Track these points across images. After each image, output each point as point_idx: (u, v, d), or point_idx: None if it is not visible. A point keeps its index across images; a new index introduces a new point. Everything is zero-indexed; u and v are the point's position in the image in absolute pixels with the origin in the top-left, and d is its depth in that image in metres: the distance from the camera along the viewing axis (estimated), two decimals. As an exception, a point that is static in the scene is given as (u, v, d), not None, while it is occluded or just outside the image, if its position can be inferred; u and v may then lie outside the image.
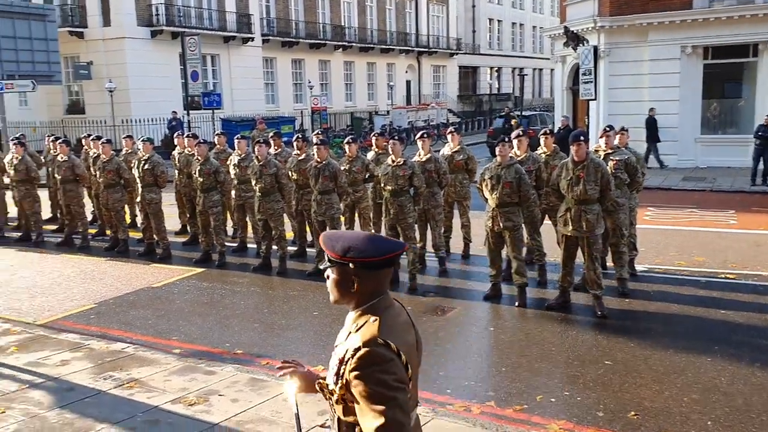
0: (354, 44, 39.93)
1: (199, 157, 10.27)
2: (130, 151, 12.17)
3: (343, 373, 2.25)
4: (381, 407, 2.16)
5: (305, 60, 37.66)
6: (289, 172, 9.79)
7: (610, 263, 8.70)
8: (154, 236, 10.76)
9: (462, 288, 8.77)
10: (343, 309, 2.38)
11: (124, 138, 12.78)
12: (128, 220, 11.89)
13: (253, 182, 9.78)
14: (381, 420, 2.14)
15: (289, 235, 10.63)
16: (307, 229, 10.30)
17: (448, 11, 48.96)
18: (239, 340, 7.03)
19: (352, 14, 40.67)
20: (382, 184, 8.74)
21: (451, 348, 6.77)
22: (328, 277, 2.35)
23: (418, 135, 9.61)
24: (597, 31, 20.47)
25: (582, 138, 7.41)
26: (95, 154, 11.77)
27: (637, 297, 8.06)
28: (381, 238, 2.35)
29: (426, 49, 46.16)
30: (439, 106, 38.97)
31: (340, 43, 38.92)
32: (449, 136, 10.18)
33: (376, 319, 2.27)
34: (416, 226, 8.96)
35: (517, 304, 7.86)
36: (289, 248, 10.14)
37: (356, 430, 2.27)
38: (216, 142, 12.21)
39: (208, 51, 29.56)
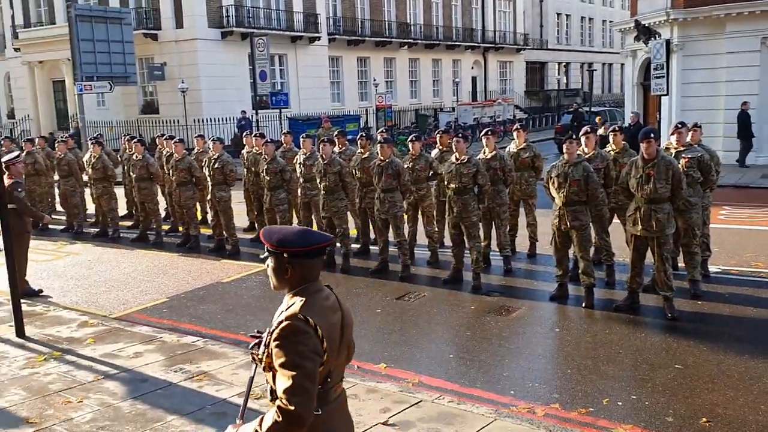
0: (419, 41, 39.90)
1: (266, 156, 10.47)
2: (201, 150, 12.52)
3: (269, 342, 2.62)
4: (292, 373, 2.51)
5: (371, 58, 37.87)
6: (353, 171, 9.87)
7: (681, 264, 8.42)
8: (224, 233, 11.03)
9: (527, 288, 8.66)
10: (405, 308, 2.40)
11: (195, 137, 13.16)
12: (199, 217, 12.24)
13: (318, 180, 9.91)
14: (289, 383, 2.50)
15: (353, 232, 10.73)
16: (370, 227, 10.37)
17: (515, 6, 48.29)
18: (304, 336, 7.13)
19: (417, 11, 40.64)
20: (446, 182, 8.71)
21: (515, 348, 6.69)
22: (268, 265, 2.73)
23: (483, 132, 9.53)
24: (670, 24, 19.80)
25: (652, 135, 7.19)
26: (168, 153, 12.17)
27: (710, 299, 7.77)
28: (311, 231, 2.77)
29: (492, 45, 45.70)
30: (506, 103, 38.50)
31: (405, 41, 38.97)
32: (515, 133, 10.05)
33: (302, 300, 2.64)
34: (480, 224, 8.90)
35: (584, 305, 7.70)
36: (353, 246, 10.23)
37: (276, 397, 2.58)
38: (283, 141, 12.42)
39: (276, 51, 30.08)
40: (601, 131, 15.68)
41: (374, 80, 35.76)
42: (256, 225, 12.12)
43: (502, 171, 9.18)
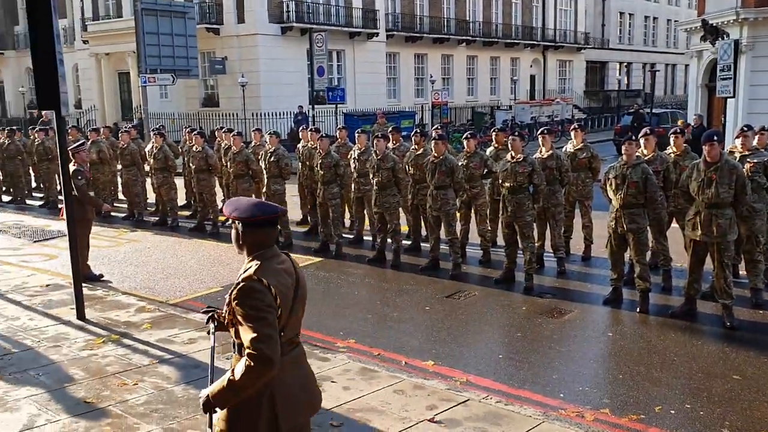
0: (478, 38, 39.61)
1: (321, 151, 10.57)
2: (258, 143, 12.73)
3: (230, 302, 2.98)
4: (254, 324, 2.89)
5: (428, 55, 37.80)
6: (407, 167, 9.88)
7: (742, 272, 8.14)
8: (277, 225, 11.18)
9: (580, 290, 8.51)
10: (455, 307, 2.40)
11: (253, 131, 13.38)
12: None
13: (371, 176, 9.96)
14: (254, 334, 2.87)
15: (404, 229, 10.73)
16: (422, 224, 10.36)
17: (577, 5, 47.42)
18: (352, 330, 7.20)
19: (477, 9, 40.34)
20: (501, 181, 8.63)
21: (566, 351, 6.59)
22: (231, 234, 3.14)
23: (540, 131, 9.40)
24: (739, 23, 19.13)
25: (715, 138, 6.98)
26: (227, 146, 12.41)
27: (773, 310, 7.50)
28: (264, 204, 3.17)
29: (552, 44, 45.01)
30: (564, 102, 37.86)
31: (463, 38, 38.74)
32: (572, 133, 9.88)
33: (258, 263, 3.03)
34: (534, 224, 8.79)
35: (638, 310, 7.52)
36: (404, 242, 10.24)
37: (244, 348, 2.92)
38: (338, 136, 12.52)
39: (334, 47, 30.30)
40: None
41: (431, 77, 35.67)
42: (309, 218, 12.25)
43: (559, 171, 9.05)
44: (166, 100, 30.63)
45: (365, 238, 11.10)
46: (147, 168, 13.51)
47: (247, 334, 2.89)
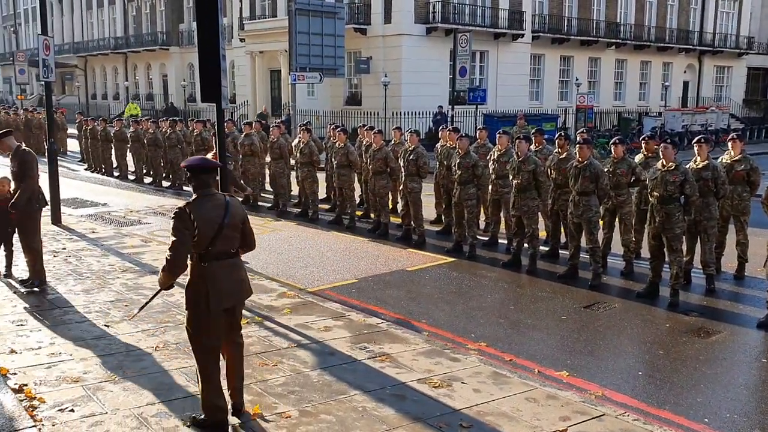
0: (628, 42, 37.94)
1: (460, 150, 10.56)
2: (398, 141, 12.94)
3: None
4: (172, 236, 4.49)
5: (574, 57, 36.71)
6: (548, 170, 9.65)
7: None
8: (412, 223, 11.31)
9: (731, 311, 7.94)
10: (593, 318, 2.32)
11: (393, 129, 13.61)
12: (390, 205, 12.64)
13: (511, 178, 9.81)
14: (170, 243, 4.49)
15: (542, 234, 10.50)
16: (562, 230, 10.08)
17: (741, 7, 44.12)
18: (484, 333, 7.14)
19: (629, 11, 38.63)
20: (649, 189, 8.22)
21: (712, 374, 6.17)
22: None
23: (696, 139, 8.85)
24: None
25: None
26: (368, 143, 12.71)
27: None
28: (206, 159, 4.87)
29: (710, 48, 42.19)
30: (720, 110, 35.40)
31: (613, 41, 37.25)
32: (730, 143, 9.21)
33: (193, 198, 4.59)
34: (684, 237, 8.29)
35: (798, 337, 6.91)
36: (541, 248, 10.01)
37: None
38: (478, 137, 12.46)
39: (478, 47, 30.12)
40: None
41: (576, 80, 34.57)
42: (443, 218, 12.28)
43: (714, 183, 8.48)
44: (312, 97, 31.77)
45: (500, 241, 10.96)
46: (293, 162, 14.11)
47: (169, 242, 4.53)
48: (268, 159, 14.75)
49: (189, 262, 4.57)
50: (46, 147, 12.54)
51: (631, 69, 39.51)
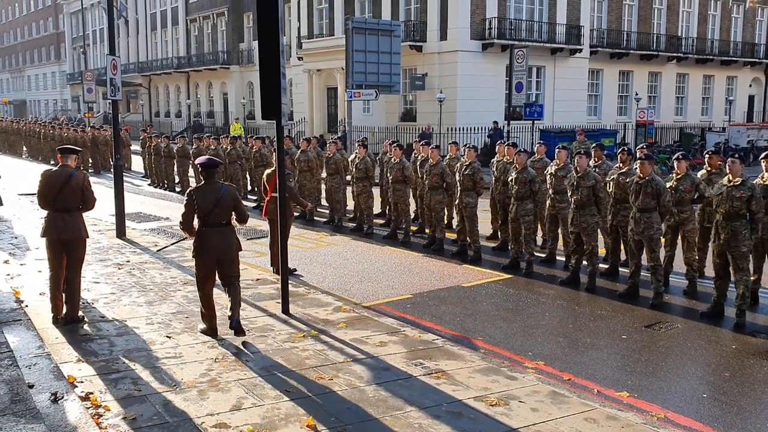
0: (690, 55, 37.06)
1: (517, 166, 10.47)
2: (453, 156, 12.92)
3: None
4: (183, 207, 6.80)
5: (634, 71, 36.09)
6: (608, 184, 9.48)
7: None
8: (467, 238, 11.25)
9: (803, 334, 7.61)
10: (654, 338, 2.25)
11: (449, 144, 13.61)
12: (446, 221, 12.61)
13: (569, 193, 9.67)
14: (181, 211, 6.84)
15: (602, 251, 10.29)
16: (621, 246, 9.87)
17: (811, 17, 42.64)
18: (541, 351, 7.03)
19: (691, 24, 37.80)
20: (714, 206, 7.99)
21: (783, 399, 5.92)
22: None
23: (764, 155, 8.55)
24: None
25: None
26: (423, 158, 12.74)
27: None
28: (211, 158, 6.91)
29: (777, 61, 40.86)
30: (789, 125, 34.16)
31: (674, 55, 36.46)
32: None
33: (200, 184, 6.84)
34: (750, 256, 8.00)
35: None
36: (600, 265, 9.81)
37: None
38: (535, 151, 12.33)
39: (535, 63, 29.92)
40: None
41: (636, 94, 33.93)
42: (498, 234, 12.18)
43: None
44: (368, 114, 32.08)
45: (558, 258, 10.80)
46: (348, 177, 14.24)
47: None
48: (324, 174, 14.92)
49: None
50: (112, 163, 12.98)
51: (693, 83, 38.58)
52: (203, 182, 6.80)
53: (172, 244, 6.34)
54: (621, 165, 9.52)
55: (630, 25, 35.57)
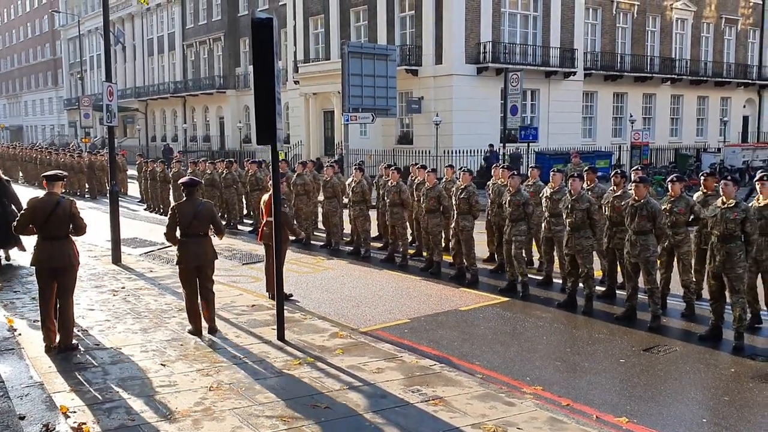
0: (684, 77, 37.36)
1: (511, 189, 10.50)
2: (449, 179, 12.94)
3: None
4: (167, 220, 7.93)
5: (628, 93, 36.35)
6: (603, 208, 9.49)
7: None
8: (464, 261, 11.23)
9: (801, 356, 7.57)
10: (653, 362, 2.21)
11: (445, 167, 13.63)
12: (443, 244, 12.59)
13: (564, 216, 9.67)
14: (167, 223, 7.92)
15: (598, 273, 10.27)
16: (618, 269, 9.85)
17: (803, 39, 43.08)
18: (539, 376, 6.97)
19: (684, 46, 38.16)
20: (709, 228, 7.99)
21: (784, 424, 5.87)
22: None
23: (759, 177, 8.56)
24: None
25: None
26: (419, 181, 12.76)
27: None
28: (192, 178, 8.03)
29: (770, 82, 41.21)
30: (783, 145, 34.35)
31: (668, 76, 36.74)
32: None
33: (182, 201, 7.90)
34: (746, 277, 7.99)
35: None
36: (597, 288, 9.78)
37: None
38: (529, 175, 12.36)
39: (529, 86, 30.11)
40: None
41: (630, 116, 34.14)
42: (495, 256, 12.15)
43: (779, 222, 8.17)
44: (364, 137, 32.17)
45: (555, 280, 10.77)
46: (345, 200, 14.22)
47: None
48: (321, 198, 14.92)
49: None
50: (108, 188, 12.97)
51: (687, 104, 38.85)
52: (184, 199, 7.83)
53: (158, 249, 7.03)
54: (615, 188, 9.53)
55: (624, 48, 35.88)
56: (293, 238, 12.42)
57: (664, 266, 9.38)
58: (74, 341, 7.37)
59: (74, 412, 5.66)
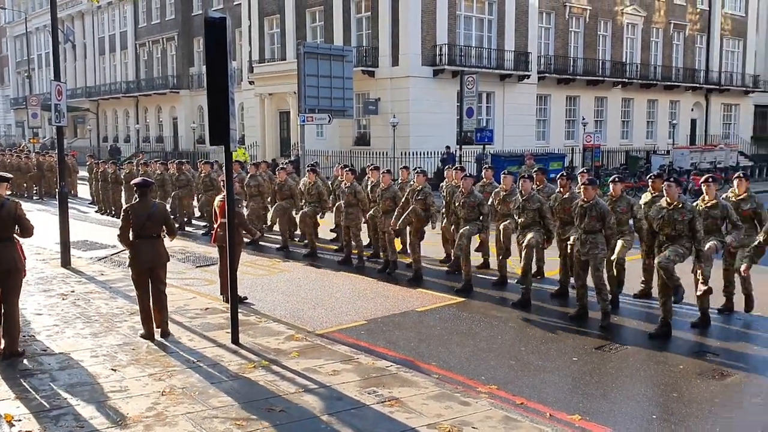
0: (634, 81, 38.25)
1: (464, 190, 10.60)
2: (405, 180, 12.98)
3: None
4: (120, 223, 7.81)
5: (581, 96, 37.01)
6: (552, 210, 9.71)
7: None
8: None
9: (746, 352, 7.81)
10: (604, 360, 2.26)
11: (401, 168, 13.67)
12: (400, 245, 12.62)
13: (516, 216, 9.82)
14: (120, 224, 7.87)
15: (554, 273, 10.42)
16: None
17: (746, 46, 44.57)
18: (494, 375, 7.04)
19: (635, 50, 39.05)
20: (657, 228, 8.23)
21: (729, 418, 6.04)
22: None
23: (704, 179, 8.84)
24: None
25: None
26: (373, 182, 12.76)
27: None
28: (145, 179, 7.96)
29: (716, 87, 42.48)
30: (729, 148, 35.46)
31: (619, 80, 37.57)
32: (735, 181, 9.21)
33: (134, 201, 7.75)
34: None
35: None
36: (551, 287, 9.93)
37: None
38: (483, 176, 12.49)
39: (484, 88, 30.44)
40: None
41: (583, 119, 34.81)
42: (452, 257, 12.23)
43: (724, 221, 8.46)
44: (321, 138, 32.08)
45: (510, 281, 10.89)
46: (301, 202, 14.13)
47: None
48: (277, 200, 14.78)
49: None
50: (57, 190, 12.64)
51: (638, 107, 39.77)
52: (137, 200, 7.71)
53: (112, 255, 6.85)
54: (561, 191, 9.73)
55: (576, 52, 36.54)
56: (248, 240, 12.29)
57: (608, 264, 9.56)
58: (20, 347, 7.14)
59: (19, 420, 5.48)
